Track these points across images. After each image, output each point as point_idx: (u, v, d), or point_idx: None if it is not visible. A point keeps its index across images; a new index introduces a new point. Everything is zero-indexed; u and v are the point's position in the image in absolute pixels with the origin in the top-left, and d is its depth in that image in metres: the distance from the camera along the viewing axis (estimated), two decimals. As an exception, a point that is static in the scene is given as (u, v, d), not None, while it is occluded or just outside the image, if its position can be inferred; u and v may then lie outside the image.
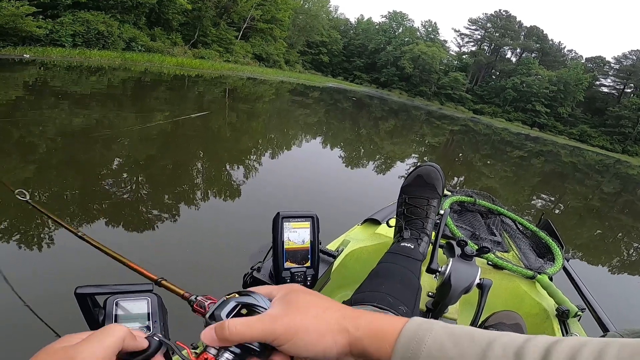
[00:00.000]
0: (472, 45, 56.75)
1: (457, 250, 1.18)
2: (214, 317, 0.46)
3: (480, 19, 55.20)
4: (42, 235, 2.79)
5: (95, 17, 16.02)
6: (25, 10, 12.76)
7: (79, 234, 1.01)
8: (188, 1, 21.69)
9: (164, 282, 0.78)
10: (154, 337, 0.45)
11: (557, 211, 8.27)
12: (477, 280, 1.09)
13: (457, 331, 0.40)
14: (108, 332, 0.40)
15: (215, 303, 0.50)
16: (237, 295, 0.48)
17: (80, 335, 0.40)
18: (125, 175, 4.39)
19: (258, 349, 0.44)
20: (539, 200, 8.84)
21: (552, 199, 9.54)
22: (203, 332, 0.44)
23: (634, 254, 6.61)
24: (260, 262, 0.96)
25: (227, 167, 5.65)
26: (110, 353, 0.39)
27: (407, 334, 0.41)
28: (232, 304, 0.47)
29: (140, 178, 4.45)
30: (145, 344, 0.44)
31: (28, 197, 1.26)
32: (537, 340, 0.37)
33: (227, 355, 0.43)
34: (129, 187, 4.06)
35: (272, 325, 0.43)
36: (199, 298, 0.59)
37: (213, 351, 0.43)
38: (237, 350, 0.43)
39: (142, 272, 0.82)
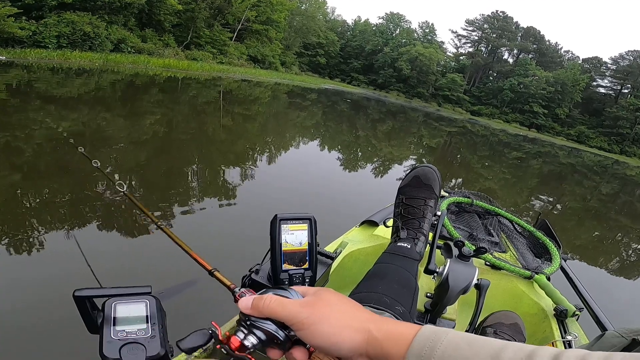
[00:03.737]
0: (469, 47, 56.90)
1: (455, 251, 1.19)
2: None
3: (477, 19, 55.38)
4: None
5: (81, 18, 15.65)
6: (6, 11, 12.52)
7: (159, 224, 1.14)
8: (179, 2, 21.39)
9: (216, 272, 0.88)
10: (208, 331, 0.50)
11: (555, 212, 8.28)
12: (474, 281, 1.10)
13: (471, 336, 0.41)
14: None
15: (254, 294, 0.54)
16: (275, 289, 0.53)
17: None
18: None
19: (282, 339, 0.48)
20: (538, 202, 8.84)
21: (551, 200, 9.56)
22: (241, 300, 0.50)
23: (632, 255, 6.63)
24: (258, 264, 0.96)
25: (223, 170, 5.65)
26: None
27: (424, 334, 0.43)
28: (269, 293, 0.51)
29: (127, 178, 4.46)
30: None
31: (125, 189, 1.34)
32: (546, 349, 0.38)
33: (252, 339, 0.47)
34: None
35: (299, 309, 0.47)
36: (242, 290, 0.67)
37: (241, 335, 0.48)
38: (263, 337, 0.48)
39: (201, 262, 0.94)
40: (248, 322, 0.49)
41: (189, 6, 23.40)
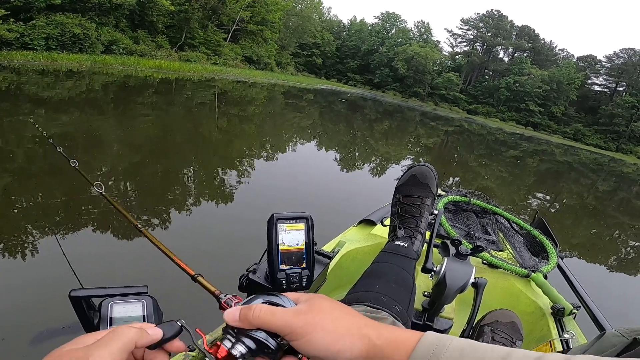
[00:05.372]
0: (464, 46, 56.96)
1: (452, 250, 1.19)
2: None
3: (472, 19, 55.39)
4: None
5: (70, 19, 15.32)
6: (-6, 13, 12.28)
7: (139, 226, 1.09)
8: (172, 3, 21.13)
9: (199, 278, 0.83)
10: (177, 322, 0.46)
11: (552, 210, 8.30)
12: (472, 279, 1.10)
13: (476, 343, 0.40)
14: (118, 335, 0.40)
15: (241, 302, 0.51)
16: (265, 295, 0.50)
17: (92, 337, 0.40)
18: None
19: (273, 348, 0.45)
20: (535, 200, 8.87)
21: (548, 198, 9.58)
22: (227, 312, 0.46)
23: (630, 252, 6.65)
24: (255, 264, 0.96)
25: (220, 171, 5.63)
26: (121, 356, 0.39)
27: (427, 340, 0.41)
28: (259, 301, 0.49)
29: (124, 180, 4.44)
30: (159, 334, 0.44)
31: (103, 190, 1.31)
32: (554, 356, 0.37)
33: (240, 348, 0.44)
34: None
35: (293, 318, 0.45)
36: (227, 296, 0.64)
37: (228, 343, 0.45)
38: (253, 346, 0.45)
39: (183, 267, 0.88)
40: (236, 330, 0.46)
41: (182, 7, 23.17)
